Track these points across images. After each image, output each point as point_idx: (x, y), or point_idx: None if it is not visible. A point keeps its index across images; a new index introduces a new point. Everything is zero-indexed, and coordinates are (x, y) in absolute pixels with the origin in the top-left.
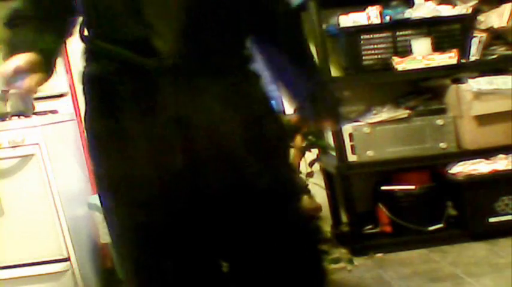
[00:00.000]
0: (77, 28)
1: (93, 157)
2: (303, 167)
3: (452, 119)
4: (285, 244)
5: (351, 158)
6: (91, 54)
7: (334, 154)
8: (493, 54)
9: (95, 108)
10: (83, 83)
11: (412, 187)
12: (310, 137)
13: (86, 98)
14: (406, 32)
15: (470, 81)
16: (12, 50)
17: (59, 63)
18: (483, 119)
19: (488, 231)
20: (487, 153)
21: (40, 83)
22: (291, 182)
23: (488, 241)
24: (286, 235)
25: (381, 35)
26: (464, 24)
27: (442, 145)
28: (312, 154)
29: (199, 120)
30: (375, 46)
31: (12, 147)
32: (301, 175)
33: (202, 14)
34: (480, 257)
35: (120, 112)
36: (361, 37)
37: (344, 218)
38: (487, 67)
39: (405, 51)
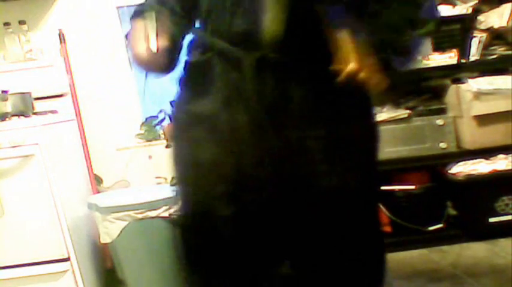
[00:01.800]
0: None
1: (176, 141)
2: None
3: (452, 119)
4: (354, 247)
5: None
6: (196, 45)
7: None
8: (493, 54)
9: (186, 95)
10: (183, 70)
11: (412, 187)
12: None
13: (180, 85)
14: None
15: (470, 81)
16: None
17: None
18: (483, 119)
19: (488, 231)
20: (487, 153)
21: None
22: (371, 186)
23: (488, 241)
24: (358, 239)
25: None
26: (464, 24)
27: (442, 145)
28: None
29: (284, 116)
30: None
31: (12, 147)
32: None
33: (306, 13)
34: (480, 257)
35: (208, 99)
36: None
37: None
38: (487, 67)
39: None
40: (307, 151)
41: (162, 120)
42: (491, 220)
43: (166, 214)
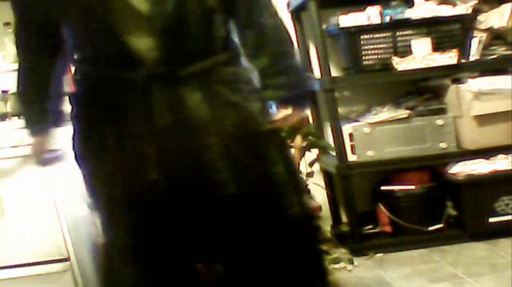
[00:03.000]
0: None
1: (82, 175)
2: (303, 167)
3: (452, 119)
4: (284, 242)
5: (351, 158)
6: (78, 76)
7: (334, 154)
8: (493, 54)
9: (80, 128)
10: (72, 104)
11: (412, 187)
12: (310, 137)
13: (73, 119)
14: (406, 32)
15: (470, 81)
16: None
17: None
18: (483, 119)
19: (488, 231)
20: (487, 153)
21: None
22: (288, 178)
23: (488, 241)
24: (286, 233)
25: (381, 35)
26: (464, 24)
27: (442, 144)
28: (312, 154)
29: (179, 129)
30: (375, 46)
31: (12, 147)
32: (301, 175)
33: (177, 20)
34: (480, 257)
35: (103, 127)
36: (361, 37)
37: (344, 218)
38: (487, 67)
39: (405, 51)
40: (207, 159)
41: None
42: (491, 220)
43: None
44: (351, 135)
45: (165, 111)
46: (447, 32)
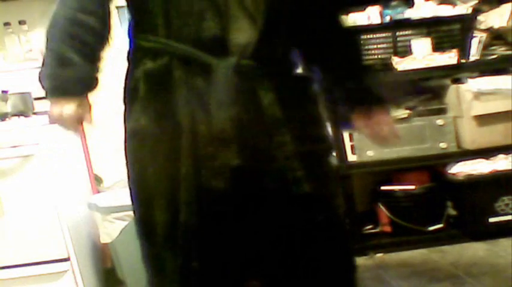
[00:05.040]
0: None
1: (132, 156)
2: None
3: (452, 119)
4: (333, 243)
5: (351, 158)
6: (141, 52)
7: (334, 154)
8: (493, 54)
9: (145, 105)
10: (134, 80)
11: (412, 187)
12: None
13: (132, 96)
14: (406, 32)
15: (470, 81)
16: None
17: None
18: (483, 119)
19: (488, 231)
20: (487, 153)
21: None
22: (333, 191)
23: (488, 241)
24: (336, 232)
25: (381, 35)
26: (464, 24)
27: (442, 145)
28: None
29: (253, 123)
30: (375, 46)
31: (12, 147)
32: None
33: (274, 20)
34: (480, 257)
35: (172, 107)
36: (361, 37)
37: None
38: (487, 67)
39: (405, 51)
40: (281, 158)
41: None
42: (491, 220)
43: None
44: (351, 135)
45: (240, 104)
46: (447, 32)
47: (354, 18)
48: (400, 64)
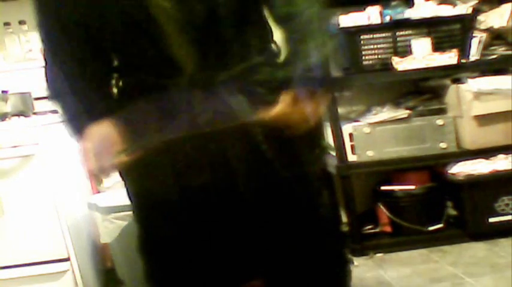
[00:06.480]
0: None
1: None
2: None
3: (452, 119)
4: (319, 240)
5: (351, 158)
6: (122, 87)
7: (334, 154)
8: (493, 54)
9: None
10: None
11: (412, 187)
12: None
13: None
14: (406, 32)
15: (470, 81)
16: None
17: None
18: (483, 119)
19: (488, 231)
20: (487, 153)
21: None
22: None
23: (488, 241)
24: (320, 231)
25: (381, 35)
26: (464, 24)
27: (442, 145)
28: None
29: (223, 132)
30: (375, 46)
31: (12, 147)
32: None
33: (210, 26)
34: (480, 257)
35: (145, 130)
36: (361, 37)
37: (344, 218)
38: (487, 67)
39: (405, 51)
40: (255, 159)
41: None
42: (491, 220)
43: None
44: (350, 135)
45: (209, 112)
46: (447, 32)
47: (354, 18)
48: (400, 64)
